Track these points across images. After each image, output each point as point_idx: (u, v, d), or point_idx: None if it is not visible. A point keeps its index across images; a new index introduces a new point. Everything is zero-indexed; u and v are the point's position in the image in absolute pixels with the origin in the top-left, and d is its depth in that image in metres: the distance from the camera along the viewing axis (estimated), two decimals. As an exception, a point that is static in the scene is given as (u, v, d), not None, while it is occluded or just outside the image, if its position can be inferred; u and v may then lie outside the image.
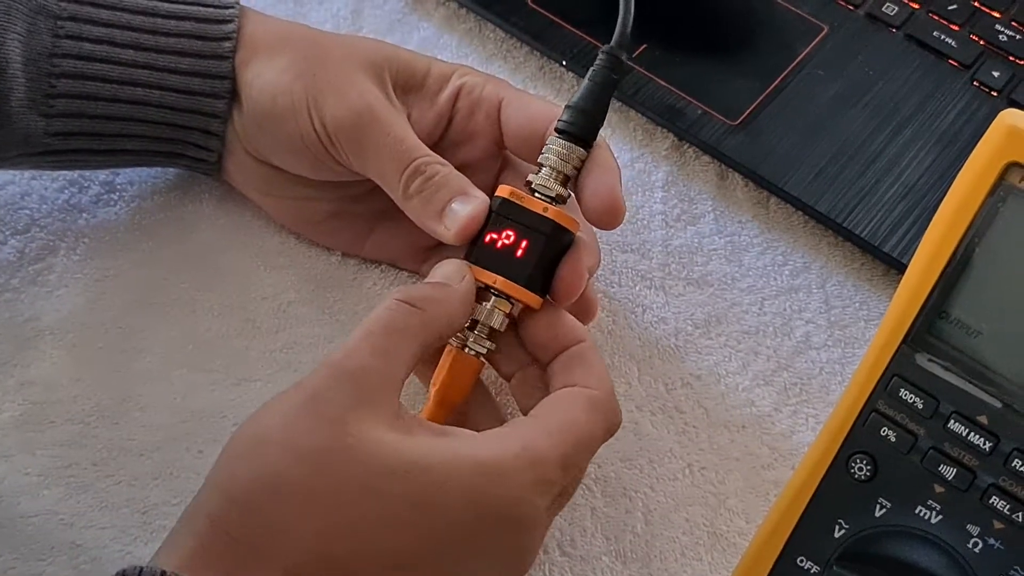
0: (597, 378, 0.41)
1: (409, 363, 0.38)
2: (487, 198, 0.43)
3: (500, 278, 0.41)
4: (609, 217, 0.43)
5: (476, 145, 0.47)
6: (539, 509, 0.38)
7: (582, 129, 0.43)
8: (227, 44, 0.47)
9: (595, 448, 0.40)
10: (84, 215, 0.51)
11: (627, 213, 0.52)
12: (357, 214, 0.49)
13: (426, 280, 0.41)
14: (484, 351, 0.42)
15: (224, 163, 0.49)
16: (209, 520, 0.35)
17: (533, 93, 0.50)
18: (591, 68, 0.43)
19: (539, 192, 0.42)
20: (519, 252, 0.41)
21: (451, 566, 0.37)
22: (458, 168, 0.44)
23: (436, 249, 0.49)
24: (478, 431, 0.40)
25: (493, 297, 0.42)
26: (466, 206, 0.42)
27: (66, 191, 0.51)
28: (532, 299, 0.42)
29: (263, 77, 0.46)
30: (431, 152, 0.44)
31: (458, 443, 0.37)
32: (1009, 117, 0.34)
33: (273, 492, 0.35)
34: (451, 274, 0.41)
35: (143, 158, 0.49)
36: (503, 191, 0.42)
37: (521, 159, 0.48)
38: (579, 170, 0.43)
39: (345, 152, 0.45)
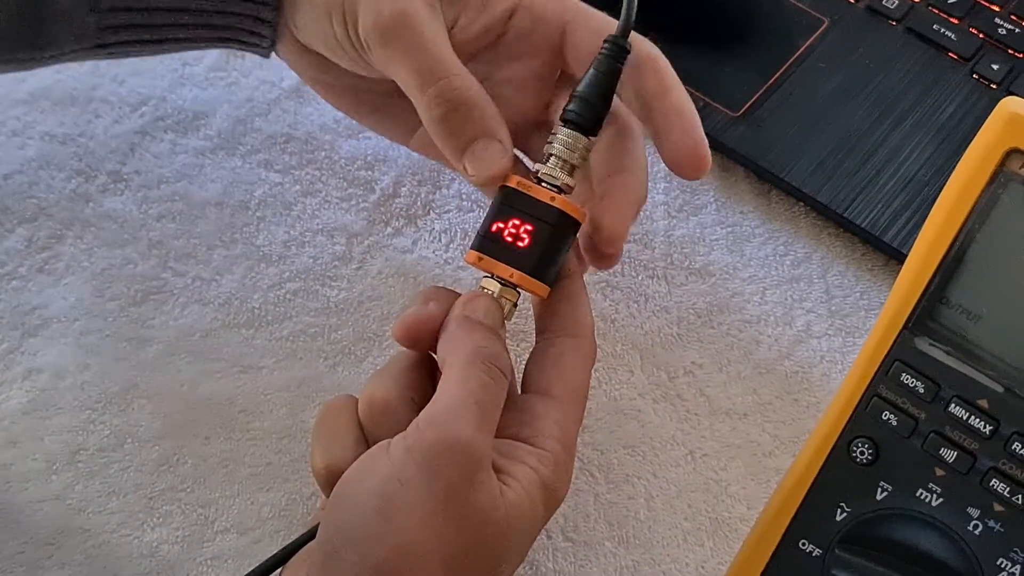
0: (581, 320, 0.42)
1: None
2: (511, 144, 0.42)
3: (517, 272, 0.41)
4: (695, 170, 0.43)
5: (527, 64, 0.46)
6: None
7: (587, 119, 0.43)
8: None
9: None
10: (91, 204, 0.51)
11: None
12: (404, 108, 0.47)
13: (470, 315, 0.40)
14: None
15: (278, 47, 0.48)
16: None
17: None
18: (596, 57, 0.44)
19: (546, 181, 0.43)
20: (525, 241, 0.42)
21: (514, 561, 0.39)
22: (503, 84, 0.44)
23: None
24: None
25: (499, 287, 0.42)
26: (491, 154, 0.42)
27: (73, 180, 0.52)
28: (542, 289, 0.42)
29: None
30: (462, 69, 0.42)
31: (533, 472, 0.38)
32: (1010, 104, 0.34)
33: None
34: (498, 322, 0.41)
35: (197, 44, 0.48)
36: (510, 180, 0.42)
37: None
38: (586, 159, 0.43)
39: (374, 55, 0.43)
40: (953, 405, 0.35)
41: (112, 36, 0.46)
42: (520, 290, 0.42)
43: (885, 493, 0.37)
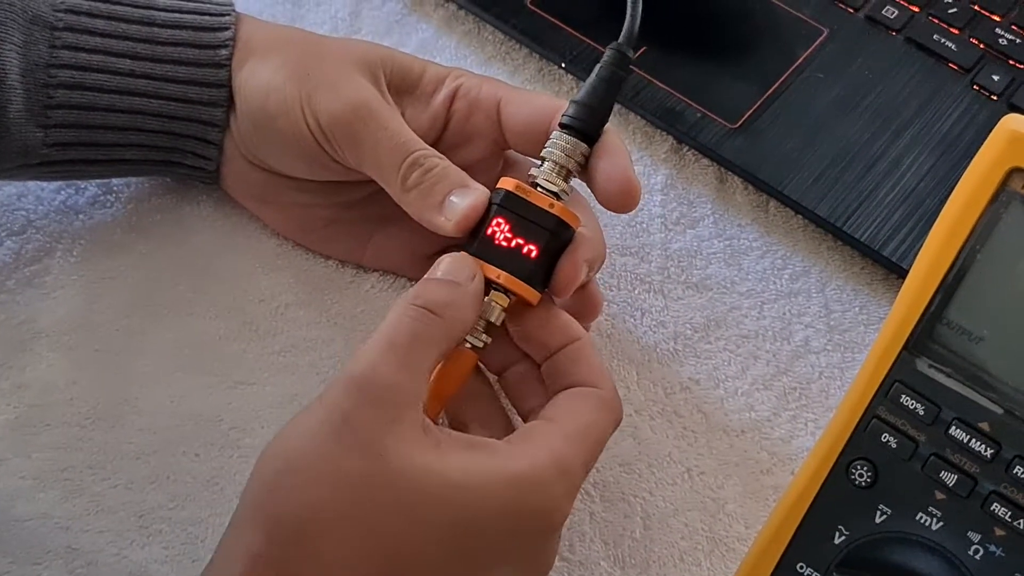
0: (600, 375, 0.41)
1: (429, 373, 0.38)
2: (487, 190, 0.43)
3: (504, 273, 0.41)
4: (626, 199, 0.43)
5: (475, 147, 0.47)
6: (566, 513, 0.39)
7: (587, 124, 0.43)
8: (223, 52, 0.46)
9: (605, 445, 0.41)
10: (81, 217, 0.50)
11: (626, 216, 0.52)
12: (355, 221, 0.49)
13: (435, 275, 0.40)
14: (481, 345, 0.42)
15: (222, 171, 0.49)
16: (252, 559, 0.35)
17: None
18: (598, 64, 0.43)
19: (542, 187, 0.42)
20: (521, 246, 0.41)
21: None
22: None
23: (436, 256, 0.48)
24: (480, 425, 0.41)
25: (491, 290, 0.41)
26: (466, 198, 0.42)
27: (62, 192, 0.51)
28: (532, 295, 0.42)
29: (257, 76, 0.46)
30: (428, 146, 0.44)
31: (490, 458, 0.37)
32: (1011, 122, 0.34)
33: (317, 528, 0.35)
34: (461, 273, 0.40)
35: (141, 167, 0.49)
36: (508, 184, 0.42)
37: (526, 155, 0.47)
38: (583, 166, 0.43)
39: (340, 147, 0.44)
40: (954, 428, 0.35)
41: (59, 153, 0.46)
42: (511, 296, 0.42)
43: (884, 516, 0.36)
